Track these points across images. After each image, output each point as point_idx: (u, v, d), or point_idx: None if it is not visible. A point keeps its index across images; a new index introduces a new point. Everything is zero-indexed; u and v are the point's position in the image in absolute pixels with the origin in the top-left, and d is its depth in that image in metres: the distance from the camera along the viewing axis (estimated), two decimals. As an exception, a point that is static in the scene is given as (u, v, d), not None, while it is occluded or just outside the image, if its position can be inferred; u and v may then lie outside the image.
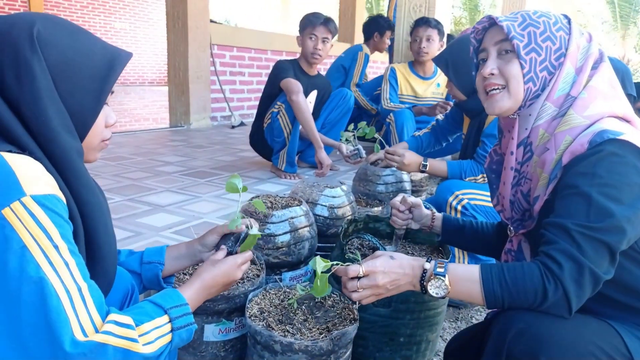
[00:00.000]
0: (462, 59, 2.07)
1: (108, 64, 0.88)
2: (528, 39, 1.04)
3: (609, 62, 1.06)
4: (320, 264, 1.08)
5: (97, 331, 0.75)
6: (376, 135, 2.37)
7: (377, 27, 4.66)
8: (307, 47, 3.17)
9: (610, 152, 0.92)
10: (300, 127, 3.12)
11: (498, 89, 1.09)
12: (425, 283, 1.01)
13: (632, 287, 0.98)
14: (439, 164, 2.21)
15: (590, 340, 0.91)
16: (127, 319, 0.79)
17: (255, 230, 1.15)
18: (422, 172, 2.25)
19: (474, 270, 0.98)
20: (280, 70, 3.11)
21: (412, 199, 1.52)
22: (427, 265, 1.01)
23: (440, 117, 2.71)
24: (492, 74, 1.09)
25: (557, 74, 1.04)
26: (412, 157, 2.21)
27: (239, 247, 1.15)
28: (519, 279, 0.93)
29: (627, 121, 1.01)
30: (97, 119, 0.89)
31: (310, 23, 3.14)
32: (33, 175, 0.75)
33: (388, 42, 4.62)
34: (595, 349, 0.91)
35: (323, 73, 3.92)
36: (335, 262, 1.11)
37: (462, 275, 0.99)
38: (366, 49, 4.54)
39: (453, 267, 1.00)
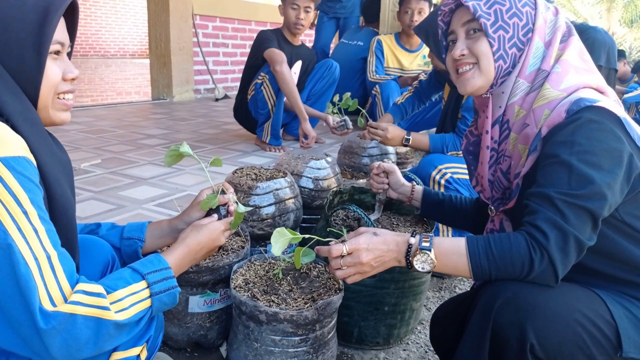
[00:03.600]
0: None
1: (42, 13, 0.81)
2: (495, 17, 1.04)
3: (577, 36, 1.06)
4: (282, 235, 1.04)
5: (66, 301, 0.73)
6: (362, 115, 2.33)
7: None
8: (289, 16, 3.10)
9: (588, 119, 0.93)
10: (285, 98, 3.07)
11: (469, 66, 1.09)
12: (410, 258, 0.99)
13: (615, 256, 0.99)
14: (422, 138, 2.22)
15: (576, 308, 0.92)
16: (96, 288, 0.77)
17: (242, 207, 1.14)
18: (405, 145, 2.25)
19: (460, 243, 0.97)
20: (263, 40, 3.04)
21: (385, 165, 1.55)
22: (412, 240, 1.00)
23: (423, 76, 2.69)
24: (463, 55, 1.08)
25: (526, 49, 1.04)
26: (395, 131, 2.21)
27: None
28: (506, 250, 0.93)
29: (601, 92, 1.02)
30: (43, 74, 0.82)
31: None
32: (0, 136, 0.72)
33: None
34: (581, 316, 0.92)
35: (308, 45, 3.85)
36: (307, 236, 1.10)
37: (448, 249, 0.98)
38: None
39: (439, 241, 0.99)
